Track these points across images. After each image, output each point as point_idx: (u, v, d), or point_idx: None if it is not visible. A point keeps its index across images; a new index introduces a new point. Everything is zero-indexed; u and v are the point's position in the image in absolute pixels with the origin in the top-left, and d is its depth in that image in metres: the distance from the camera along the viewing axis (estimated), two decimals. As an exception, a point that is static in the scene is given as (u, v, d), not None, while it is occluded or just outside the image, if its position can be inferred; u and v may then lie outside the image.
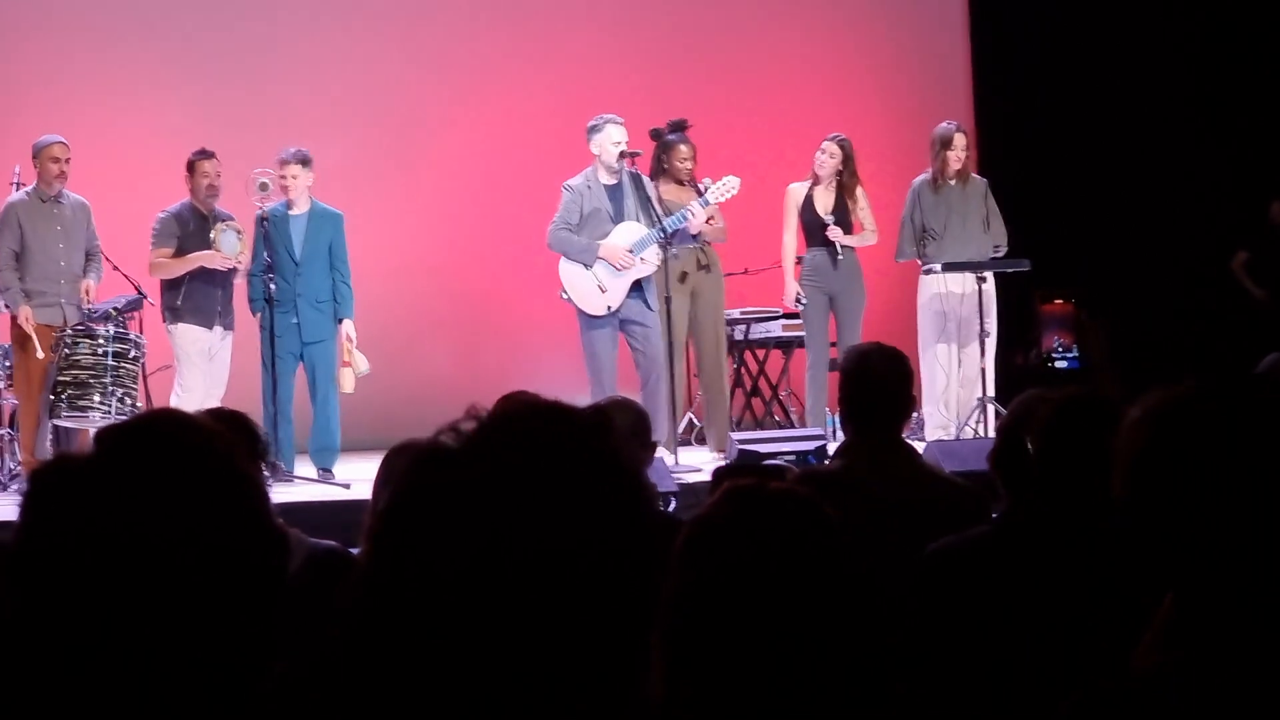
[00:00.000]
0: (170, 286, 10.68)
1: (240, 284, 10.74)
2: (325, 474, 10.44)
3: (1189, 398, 1.98)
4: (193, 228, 10.62)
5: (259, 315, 10.58)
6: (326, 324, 10.73)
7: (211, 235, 10.50)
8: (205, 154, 10.73)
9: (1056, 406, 3.58)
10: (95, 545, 1.79)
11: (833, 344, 11.33)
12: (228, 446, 1.89)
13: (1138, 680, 1.91)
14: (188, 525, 1.80)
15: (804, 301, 11.28)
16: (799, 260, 11.42)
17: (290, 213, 10.75)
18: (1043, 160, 14.01)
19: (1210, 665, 1.87)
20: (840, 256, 11.15)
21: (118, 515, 1.79)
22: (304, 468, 10.56)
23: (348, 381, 10.66)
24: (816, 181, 11.33)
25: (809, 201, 11.29)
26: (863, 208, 11.32)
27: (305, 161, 10.74)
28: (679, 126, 11.23)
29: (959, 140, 11.22)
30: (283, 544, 1.90)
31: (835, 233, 11.12)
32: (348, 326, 10.69)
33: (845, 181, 11.27)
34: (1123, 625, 2.55)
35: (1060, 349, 13.90)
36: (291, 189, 10.70)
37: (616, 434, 1.63)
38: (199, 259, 10.51)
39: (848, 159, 11.27)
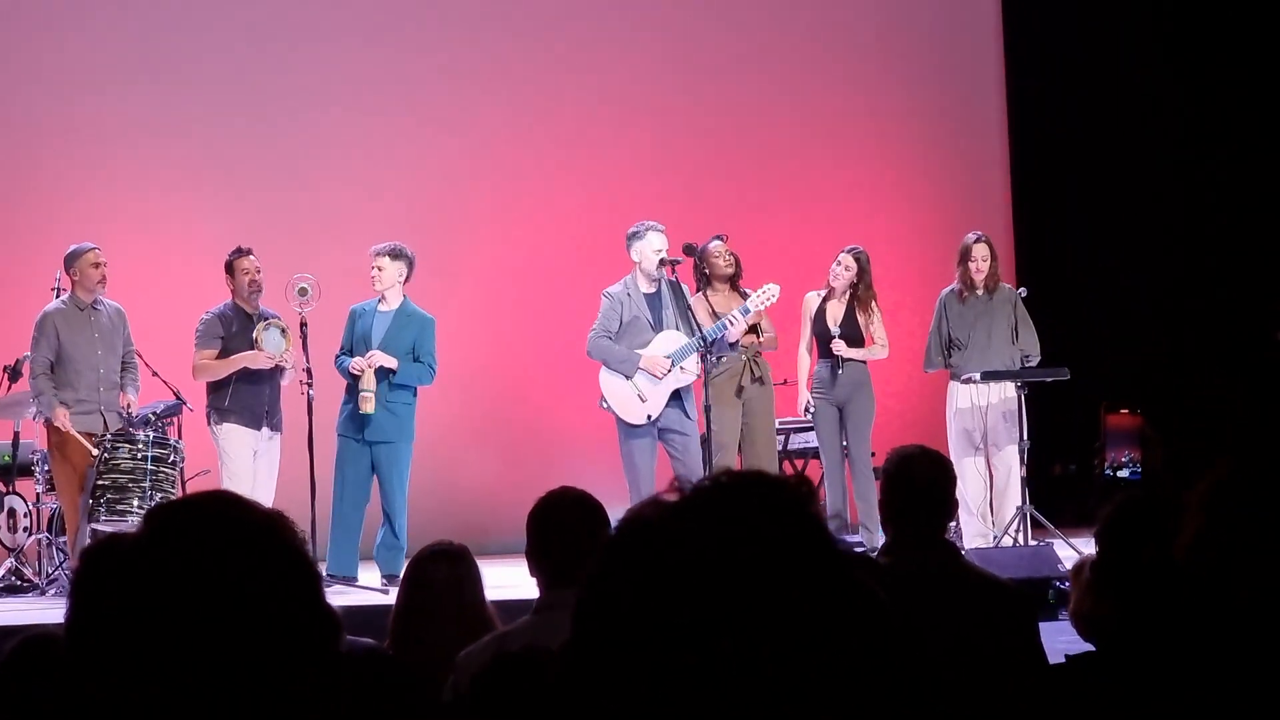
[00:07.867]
0: (216, 388, 10.57)
1: (286, 385, 10.63)
2: (389, 581, 10.11)
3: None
4: (236, 328, 10.54)
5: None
6: (397, 427, 10.54)
7: (254, 335, 10.44)
8: (241, 251, 10.66)
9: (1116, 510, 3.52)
10: (143, 620, 1.78)
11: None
12: (278, 523, 1.88)
13: None
14: (235, 599, 1.79)
15: (812, 411, 11.25)
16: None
17: (380, 308, 10.67)
18: (1099, 273, 14.14)
19: None
20: (840, 370, 11.12)
21: (166, 590, 1.79)
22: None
23: (368, 404, 10.39)
24: (831, 294, 11.32)
25: (820, 314, 11.28)
26: (875, 321, 11.27)
27: (396, 255, 10.59)
28: (715, 240, 11.11)
29: (977, 251, 11.24)
30: (334, 621, 1.89)
31: (838, 346, 11.10)
32: (380, 357, 10.45)
33: (860, 294, 11.23)
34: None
35: (1129, 462, 13.93)
36: (376, 280, 10.59)
37: (818, 502, 1.62)
38: (243, 359, 10.42)
39: (863, 271, 11.24)
